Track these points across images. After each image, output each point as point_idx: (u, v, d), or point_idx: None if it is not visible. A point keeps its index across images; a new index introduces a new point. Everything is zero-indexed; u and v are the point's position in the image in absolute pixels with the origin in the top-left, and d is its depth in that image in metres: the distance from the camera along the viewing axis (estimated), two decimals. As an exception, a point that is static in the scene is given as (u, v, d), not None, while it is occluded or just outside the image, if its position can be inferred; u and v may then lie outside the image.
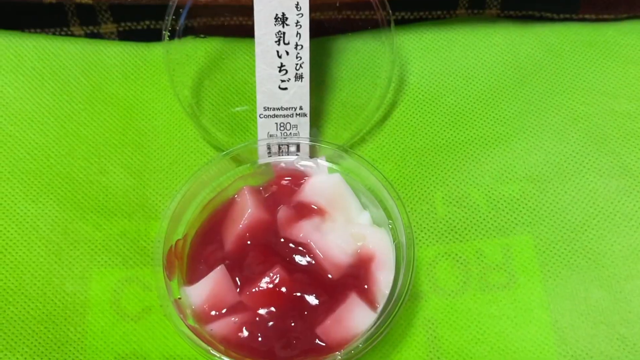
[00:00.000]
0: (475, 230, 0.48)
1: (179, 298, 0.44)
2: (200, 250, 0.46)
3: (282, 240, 0.45)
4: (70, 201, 0.50)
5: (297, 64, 0.48)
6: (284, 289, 0.43)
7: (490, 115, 0.52)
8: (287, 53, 0.48)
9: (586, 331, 0.45)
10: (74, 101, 0.53)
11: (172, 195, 0.47)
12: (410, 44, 0.54)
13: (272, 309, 0.43)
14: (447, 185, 0.50)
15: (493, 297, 0.46)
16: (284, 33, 0.47)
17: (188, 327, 0.42)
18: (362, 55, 0.54)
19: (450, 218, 0.49)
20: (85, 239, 0.49)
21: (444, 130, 0.52)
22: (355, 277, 0.44)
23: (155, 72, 0.54)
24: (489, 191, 0.49)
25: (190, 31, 0.52)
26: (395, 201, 0.45)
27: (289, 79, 0.48)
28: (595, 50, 0.53)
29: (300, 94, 0.49)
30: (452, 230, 0.48)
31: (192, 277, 0.45)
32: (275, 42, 0.47)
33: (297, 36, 0.47)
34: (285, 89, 0.49)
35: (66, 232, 0.49)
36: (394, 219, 0.45)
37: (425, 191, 0.50)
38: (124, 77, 0.54)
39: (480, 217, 0.48)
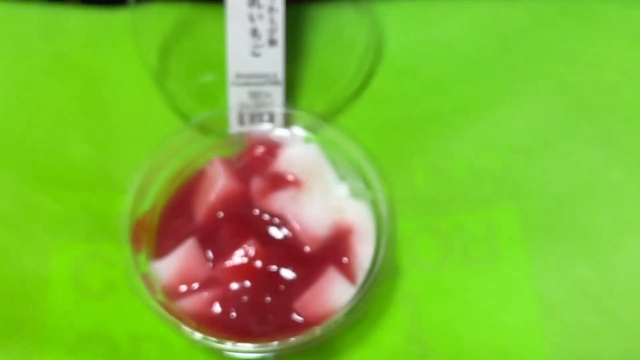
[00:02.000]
0: (457, 202, 0.46)
1: (147, 272, 0.42)
2: (169, 223, 0.44)
3: (256, 212, 0.43)
4: (29, 173, 0.47)
5: (270, 29, 0.46)
6: (258, 263, 0.41)
7: (471, 85, 0.50)
8: (261, 17, 0.45)
9: (572, 304, 0.43)
10: (33, 69, 0.50)
11: (138, 167, 0.44)
12: (389, 13, 0.52)
13: (247, 283, 0.41)
14: (428, 156, 0.48)
15: (476, 271, 0.45)
16: (257, -6, 0.45)
17: (157, 302, 0.40)
18: (339, 24, 0.52)
19: (430, 190, 0.47)
20: (45, 212, 0.46)
21: (424, 101, 0.50)
22: (333, 251, 0.42)
23: (120, 38, 0.51)
24: (470, 163, 0.47)
25: (157, -6, 0.49)
26: (376, 172, 0.43)
27: (262, 45, 0.46)
28: (580, 21, 0.52)
29: (274, 60, 0.47)
30: (432, 203, 0.47)
31: (161, 251, 0.42)
32: (248, 4, 0.45)
33: (271, -2, 0.45)
34: (258, 55, 0.46)
35: (25, 205, 0.46)
36: (374, 190, 0.43)
37: (404, 163, 0.48)
38: (87, 43, 0.51)
39: (462, 189, 0.47)
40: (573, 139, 0.48)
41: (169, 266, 0.42)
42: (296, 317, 0.40)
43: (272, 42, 0.46)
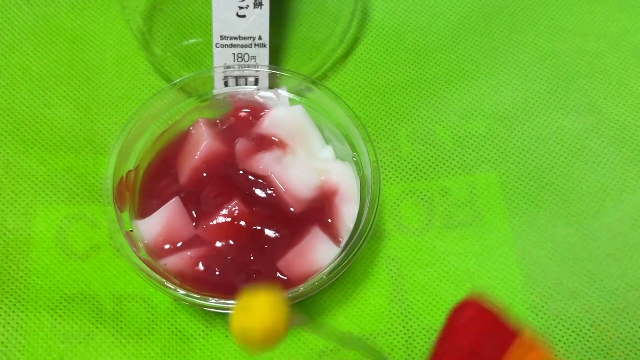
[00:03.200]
0: (440, 168, 0.47)
1: (131, 231, 0.42)
2: (153, 183, 0.43)
3: (240, 172, 0.43)
4: (12, 134, 0.47)
5: (257, -9, 0.46)
6: (242, 223, 0.41)
7: (455, 52, 0.50)
8: (247, -21, 0.45)
9: (553, 268, 0.44)
10: (17, 31, 0.50)
11: (121, 127, 0.44)
12: (375, -21, 0.53)
13: (231, 242, 0.41)
14: (412, 123, 0.48)
15: (458, 234, 0.45)
16: (243, -44, 0.45)
17: (141, 260, 0.40)
18: (325, -13, 0.52)
19: (414, 156, 0.47)
20: (28, 173, 0.46)
21: (408, 68, 0.50)
22: (318, 211, 0.42)
23: (105, 0, 0.51)
24: (454, 129, 0.48)
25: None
26: (361, 134, 0.43)
27: (248, 6, 0.46)
28: (561, -12, 0.52)
29: (259, 22, 0.46)
30: (416, 168, 0.47)
31: (145, 210, 0.42)
32: (234, -35, 0.45)
33: (257, -41, 0.45)
34: (244, 16, 0.46)
35: (7, 166, 0.46)
36: (359, 152, 0.44)
37: (389, 129, 0.48)
38: (71, 6, 0.51)
39: (445, 154, 0.47)
40: (555, 106, 0.48)
41: (153, 225, 0.41)
42: (280, 276, 0.41)
43: (257, 4, 0.46)
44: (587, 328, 0.42)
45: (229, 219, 0.41)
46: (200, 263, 0.41)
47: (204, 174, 0.43)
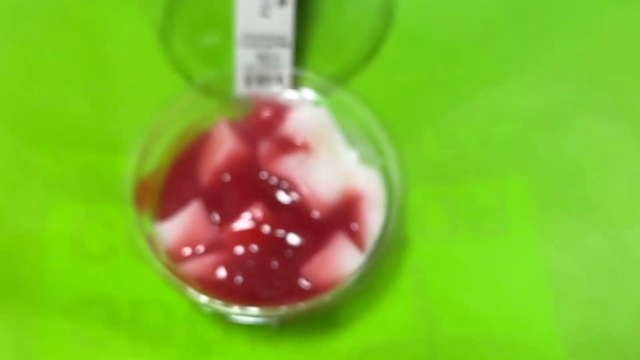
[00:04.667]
0: (468, 172, 0.45)
1: (151, 234, 0.40)
2: (174, 186, 0.42)
3: (263, 175, 0.42)
4: (27, 130, 0.45)
5: (281, -12, 0.44)
6: (266, 228, 0.40)
7: (483, 53, 0.49)
8: (271, -25, 0.44)
9: (582, 277, 0.42)
10: (33, 23, 0.48)
11: (140, 127, 0.43)
12: (401, -24, 0.51)
13: (253, 248, 0.40)
14: (438, 124, 0.47)
15: (485, 242, 0.44)
16: (268, -49, 0.43)
17: (162, 264, 0.39)
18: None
19: (440, 159, 0.46)
20: (43, 171, 0.44)
21: (435, 68, 0.48)
22: (342, 217, 0.41)
23: (123, -7, 0.50)
24: (481, 132, 0.46)
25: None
26: (387, 138, 0.42)
27: (272, 5, 0.45)
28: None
29: (283, 21, 0.45)
30: (442, 171, 0.45)
31: (165, 213, 0.41)
32: (259, -39, 0.44)
33: (283, -45, 0.44)
34: (267, 15, 0.45)
35: (21, 163, 0.44)
36: (385, 157, 0.42)
37: (414, 130, 0.47)
38: (88, -2, 0.50)
39: (472, 158, 0.46)
40: (586, 110, 0.47)
41: (174, 229, 0.40)
42: (303, 283, 0.39)
43: (282, 3, 0.45)
44: (620, 341, 0.41)
45: (251, 224, 0.40)
46: (222, 268, 0.39)
47: (226, 177, 0.42)
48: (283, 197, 0.41)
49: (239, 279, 0.39)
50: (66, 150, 0.45)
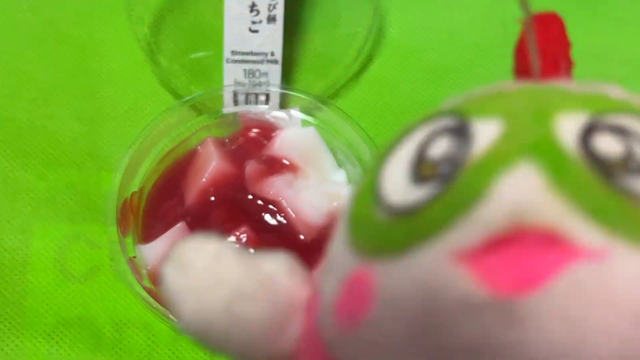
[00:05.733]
0: (457, 194, 0.45)
1: (134, 257, 0.40)
2: (158, 205, 0.42)
3: (250, 197, 0.41)
4: (11, 147, 0.45)
5: (270, 4, 0.44)
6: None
7: (474, 73, 0.49)
8: (260, -8, 0.44)
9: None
10: (21, 39, 0.48)
11: (127, 145, 0.42)
12: (392, -5, 0.51)
13: (238, 271, 0.39)
14: (428, 145, 0.46)
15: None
16: (257, -33, 0.43)
17: (144, 288, 0.38)
18: (341, 4, 0.50)
19: (430, 180, 0.45)
20: (27, 189, 0.44)
21: (425, 88, 0.48)
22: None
23: (112, 10, 0.49)
24: (472, 153, 0.46)
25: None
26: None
27: (261, 21, 0.44)
28: (587, 11, 0.51)
29: (272, 38, 0.45)
30: (432, 193, 0.45)
31: (149, 234, 0.41)
32: (247, -23, 0.43)
33: (272, -28, 0.43)
34: (256, 31, 0.44)
35: (5, 180, 0.44)
36: (373, 178, 0.42)
37: (403, 151, 0.46)
38: (77, 13, 0.49)
39: (462, 180, 0.45)
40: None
41: (157, 250, 0.40)
42: (289, 308, 0.39)
43: (271, 19, 0.44)
44: None
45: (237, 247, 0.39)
46: (206, 292, 0.39)
47: (212, 197, 0.41)
48: (269, 219, 0.41)
49: (223, 302, 0.39)
50: (51, 168, 0.45)
